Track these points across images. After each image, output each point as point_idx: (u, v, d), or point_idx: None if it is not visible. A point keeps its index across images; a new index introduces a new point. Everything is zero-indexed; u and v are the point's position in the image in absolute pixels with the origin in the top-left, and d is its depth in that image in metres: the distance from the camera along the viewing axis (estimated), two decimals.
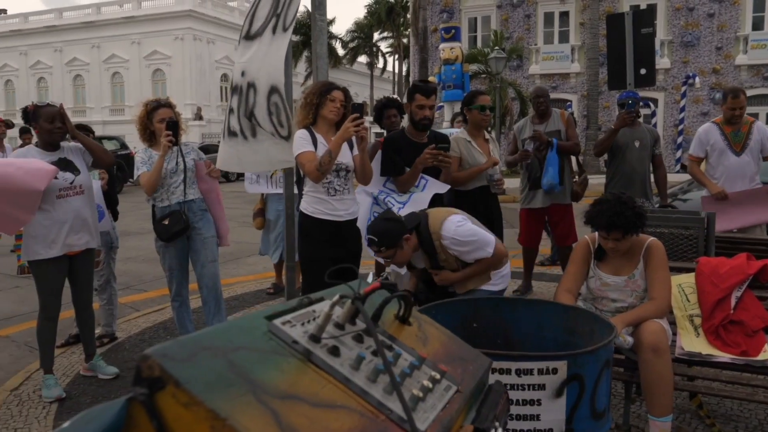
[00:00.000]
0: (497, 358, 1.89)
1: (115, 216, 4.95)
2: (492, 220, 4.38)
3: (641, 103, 6.49)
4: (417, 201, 3.89)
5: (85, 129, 5.02)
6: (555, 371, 1.98)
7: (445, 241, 3.16)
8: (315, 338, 0.95)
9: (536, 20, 25.35)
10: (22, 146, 7.95)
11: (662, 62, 22.40)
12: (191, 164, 4.16)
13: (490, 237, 3.25)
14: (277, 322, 0.96)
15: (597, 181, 7.63)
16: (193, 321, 4.44)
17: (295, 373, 0.86)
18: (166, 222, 4.04)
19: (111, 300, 4.87)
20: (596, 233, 3.05)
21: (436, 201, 4.03)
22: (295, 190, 5.64)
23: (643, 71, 6.77)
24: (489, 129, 4.72)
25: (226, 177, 21.34)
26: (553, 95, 17.96)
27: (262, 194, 5.92)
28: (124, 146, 20.18)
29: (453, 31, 18.99)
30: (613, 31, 7.03)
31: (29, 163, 3.57)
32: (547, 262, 7.09)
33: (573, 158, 5.65)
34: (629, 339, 2.81)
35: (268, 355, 0.86)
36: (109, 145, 19.58)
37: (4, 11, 49.98)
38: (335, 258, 3.48)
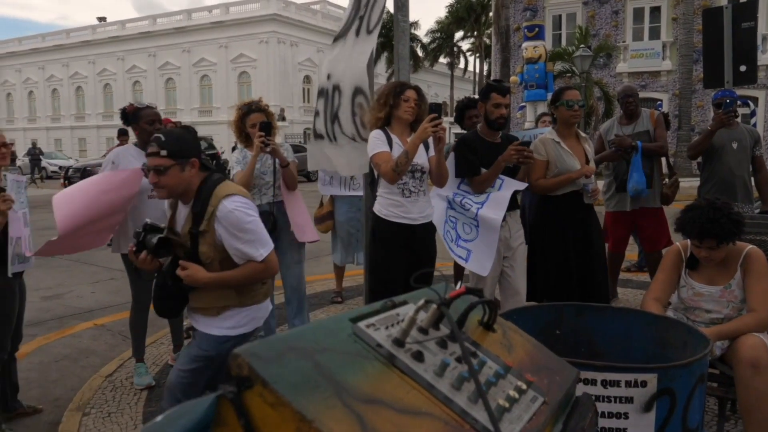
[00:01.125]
0: (582, 367, 1.81)
1: None
2: (589, 231, 4.04)
3: (739, 102, 6.10)
4: (496, 200, 3.75)
5: (186, 129, 5.24)
6: (644, 384, 1.89)
7: (219, 212, 2.45)
8: (399, 342, 0.94)
9: (625, 16, 24.42)
10: (118, 146, 8.39)
11: (764, 58, 21.02)
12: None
13: (270, 243, 2.60)
14: (362, 324, 0.96)
15: (689, 184, 7.26)
16: (276, 317, 4.55)
17: (380, 378, 0.85)
18: None
19: None
20: (688, 240, 2.89)
21: (513, 201, 3.86)
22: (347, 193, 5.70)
23: (743, 68, 6.35)
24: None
25: (308, 177, 21.76)
26: (641, 94, 17.24)
27: (330, 197, 5.90)
28: (211, 146, 20.97)
29: (537, 29, 18.56)
30: (710, 27, 6.65)
31: (115, 176, 3.72)
32: (633, 268, 6.80)
33: (663, 160, 5.37)
34: (716, 351, 2.66)
35: (352, 358, 0.86)
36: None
37: (103, 19, 53.21)
38: (407, 262, 3.45)
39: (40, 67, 53.77)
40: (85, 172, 18.34)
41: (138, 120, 3.79)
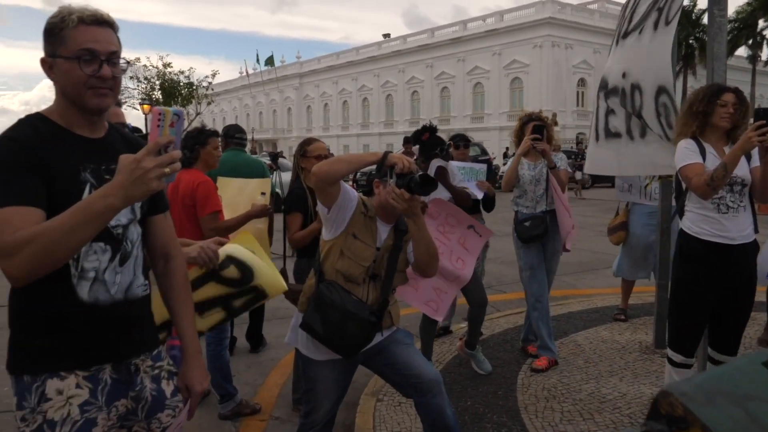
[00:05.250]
0: None
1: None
2: None
3: None
4: None
5: (464, 139, 5.44)
6: None
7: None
8: None
9: None
10: (403, 153, 9.00)
11: None
12: None
13: None
14: None
15: None
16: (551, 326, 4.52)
17: None
18: (527, 224, 4.31)
19: None
20: None
21: None
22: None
23: None
24: None
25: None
26: None
27: (627, 207, 5.54)
28: (484, 152, 21.52)
29: None
30: None
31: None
32: None
33: None
34: None
35: None
36: (471, 151, 21.06)
37: (387, 35, 58.08)
38: (719, 286, 3.08)
39: (334, 82, 60.91)
40: (371, 177, 20.09)
41: (425, 150, 4.04)
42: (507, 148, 30.02)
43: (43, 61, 1.61)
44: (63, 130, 1.61)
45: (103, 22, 1.60)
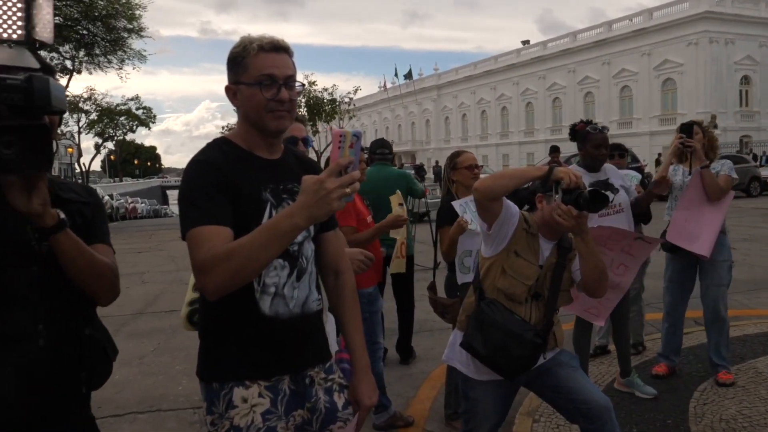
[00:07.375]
0: None
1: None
2: None
3: None
4: None
5: (620, 148, 5.16)
6: None
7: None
8: None
9: None
10: (550, 163, 8.70)
11: None
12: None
13: None
14: None
15: None
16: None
17: None
18: None
19: (640, 311, 5.07)
20: None
21: None
22: None
23: None
24: None
25: (746, 191, 19.12)
26: None
27: None
28: (634, 159, 20.21)
29: None
30: None
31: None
32: None
33: None
34: None
35: None
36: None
37: (526, 42, 56.83)
38: None
39: (472, 92, 60.66)
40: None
41: (585, 142, 3.81)
42: (659, 155, 28.07)
43: (227, 89, 1.71)
44: (245, 152, 1.70)
45: (281, 49, 1.68)
